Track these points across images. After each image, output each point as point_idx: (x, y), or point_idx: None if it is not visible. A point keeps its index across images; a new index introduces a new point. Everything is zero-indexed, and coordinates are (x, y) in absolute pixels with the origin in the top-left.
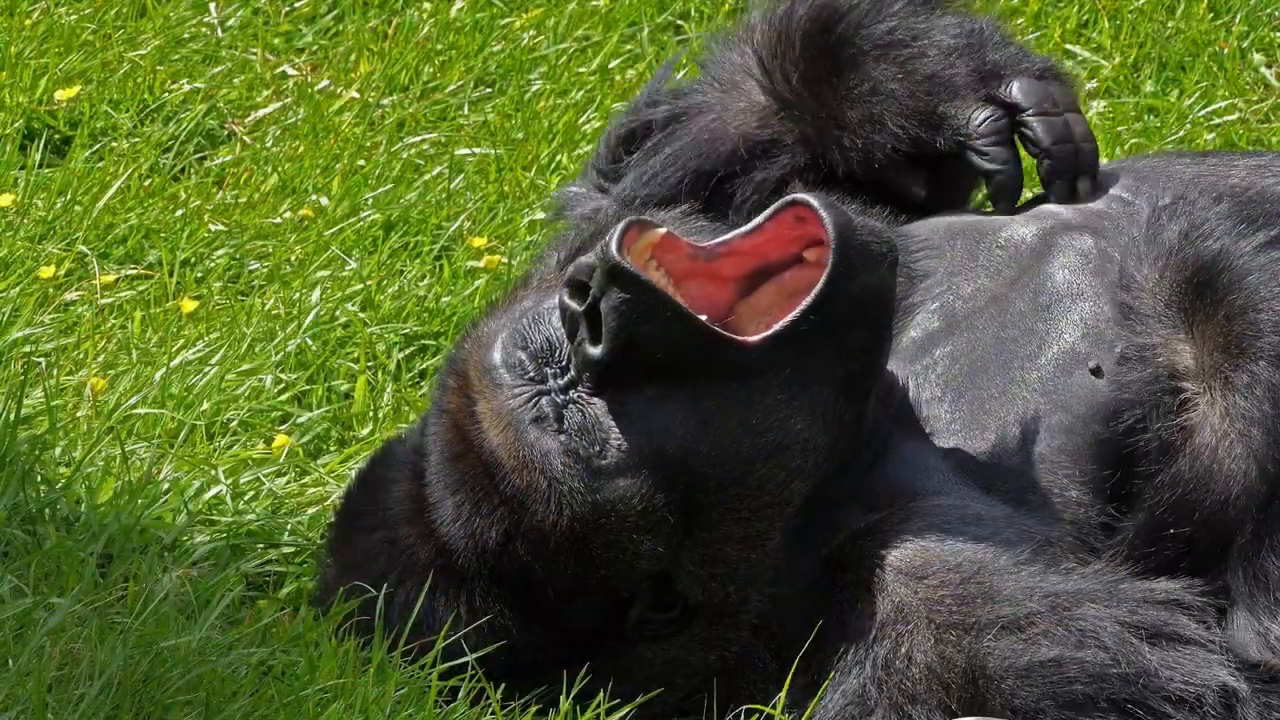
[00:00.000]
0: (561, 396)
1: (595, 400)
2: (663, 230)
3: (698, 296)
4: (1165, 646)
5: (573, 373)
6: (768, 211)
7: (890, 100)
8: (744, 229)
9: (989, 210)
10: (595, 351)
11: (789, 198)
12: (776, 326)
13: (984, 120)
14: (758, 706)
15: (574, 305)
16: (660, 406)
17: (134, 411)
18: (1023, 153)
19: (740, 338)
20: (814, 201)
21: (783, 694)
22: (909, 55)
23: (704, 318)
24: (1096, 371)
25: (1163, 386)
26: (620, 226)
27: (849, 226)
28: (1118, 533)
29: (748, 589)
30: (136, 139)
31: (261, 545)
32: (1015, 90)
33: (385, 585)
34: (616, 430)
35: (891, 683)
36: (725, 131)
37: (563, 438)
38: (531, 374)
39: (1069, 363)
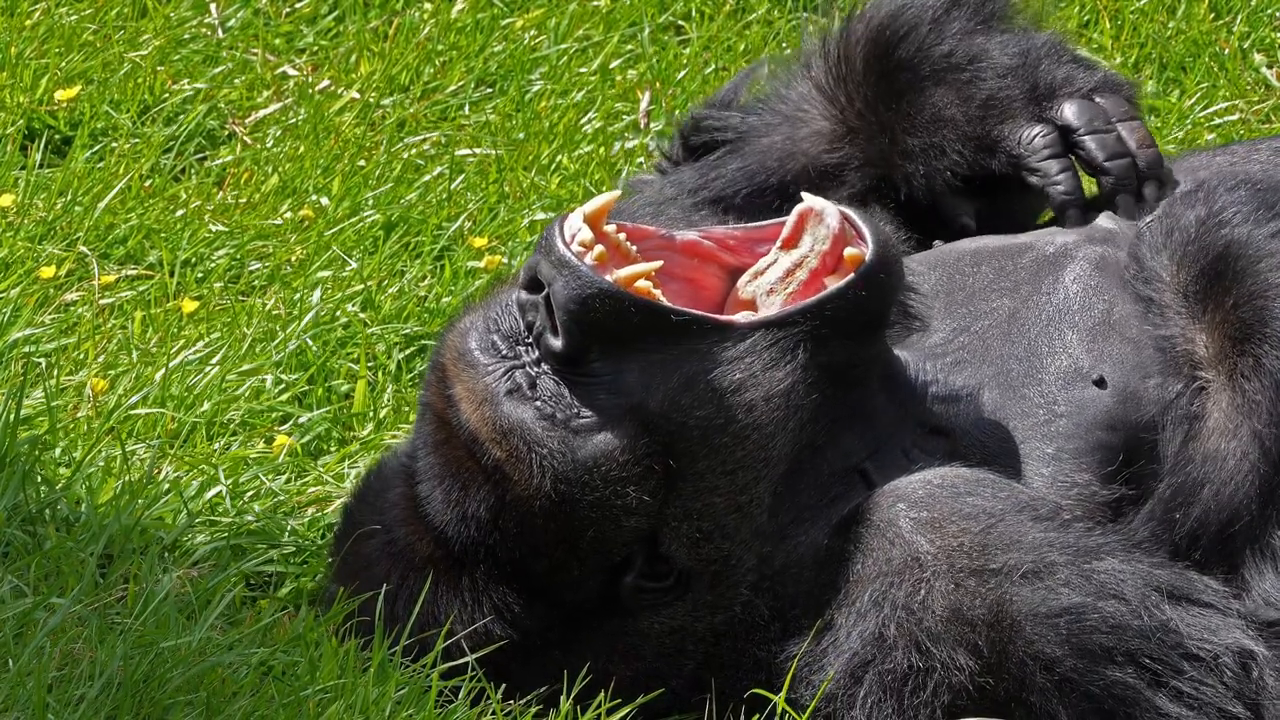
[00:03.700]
0: (535, 369)
1: (568, 369)
2: (616, 193)
3: (682, 278)
4: (1184, 606)
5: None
6: (791, 216)
7: (950, 127)
8: (750, 224)
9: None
10: (556, 343)
11: (809, 203)
12: (766, 314)
13: (1034, 137)
14: (764, 693)
15: (529, 298)
16: (636, 370)
17: (134, 412)
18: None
19: (718, 316)
20: (854, 214)
21: (799, 653)
22: (967, 79)
23: (634, 282)
24: (1100, 383)
25: (1175, 390)
26: (558, 218)
27: (887, 243)
28: (1127, 517)
29: (741, 550)
30: (137, 139)
31: (262, 545)
32: (1066, 111)
33: (386, 585)
34: (592, 393)
35: (912, 622)
36: (794, 152)
37: (538, 404)
38: (504, 352)
39: (1072, 377)
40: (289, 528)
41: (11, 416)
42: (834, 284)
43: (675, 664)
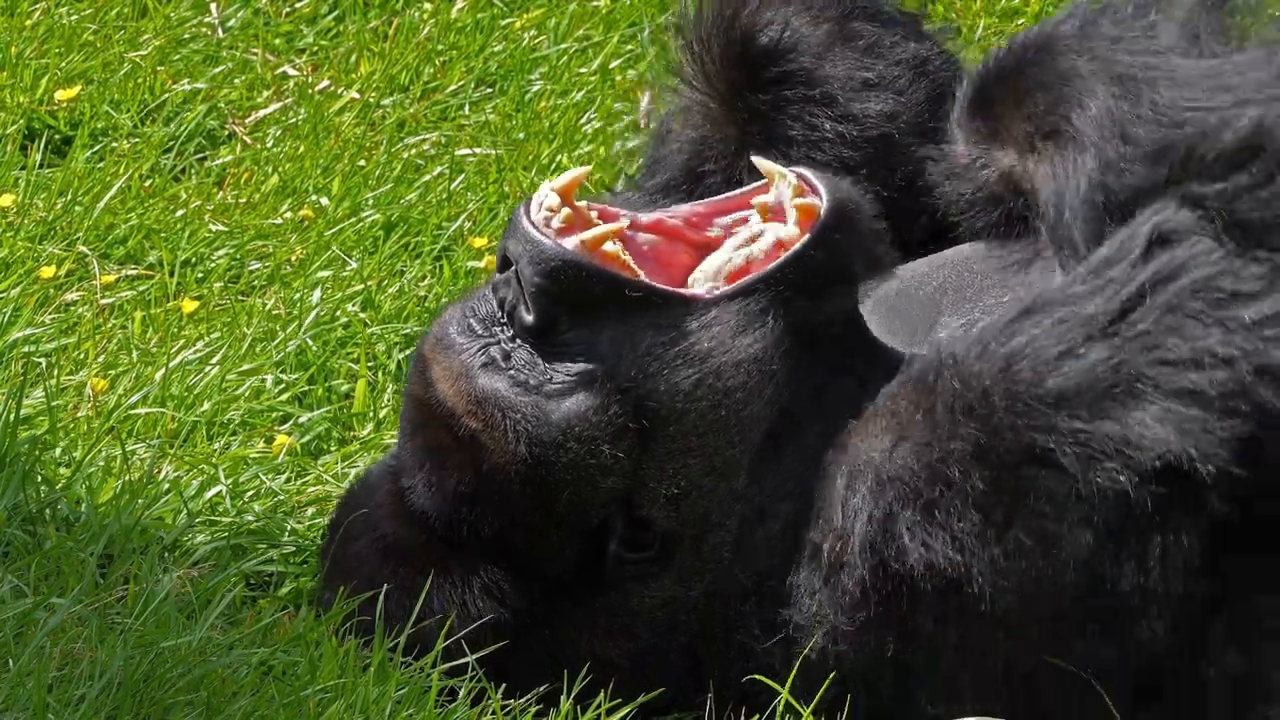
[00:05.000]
0: (510, 345)
1: (542, 341)
2: (587, 169)
3: (651, 258)
4: (1096, 275)
5: (518, 333)
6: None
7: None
8: (712, 199)
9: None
10: (528, 317)
11: (761, 168)
12: (726, 288)
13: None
14: (767, 682)
15: (501, 277)
16: (606, 339)
17: (134, 411)
18: None
19: (682, 290)
20: (809, 173)
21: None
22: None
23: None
24: None
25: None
26: (524, 201)
27: (845, 198)
28: None
29: (721, 511)
30: (137, 139)
31: (262, 545)
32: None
33: (375, 581)
34: (564, 360)
35: (904, 477)
36: (680, 148)
37: (511, 373)
38: (480, 333)
39: None
40: (289, 528)
41: (11, 416)
42: (792, 244)
43: (670, 638)
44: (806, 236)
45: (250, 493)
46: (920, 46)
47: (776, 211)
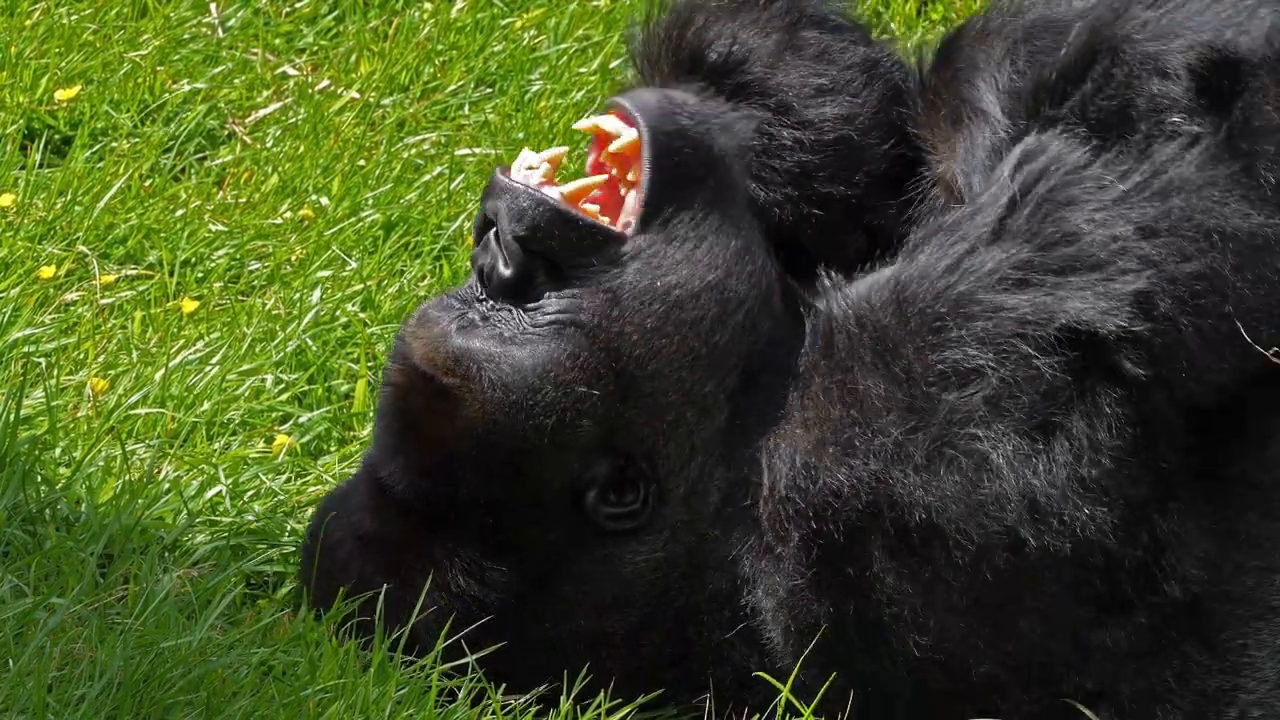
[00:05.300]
0: (489, 311)
1: (519, 301)
2: (565, 149)
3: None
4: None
5: (496, 298)
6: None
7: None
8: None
9: None
10: (506, 272)
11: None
12: (632, 217)
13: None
14: (768, 679)
15: (480, 247)
16: (575, 288)
17: (134, 411)
18: None
19: (615, 228)
20: (623, 101)
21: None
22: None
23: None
24: None
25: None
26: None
27: (656, 110)
28: None
29: (706, 455)
30: (137, 139)
31: (262, 545)
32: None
33: (365, 574)
34: (539, 313)
35: (817, 432)
36: None
37: (487, 329)
38: (459, 307)
39: None
40: (289, 528)
41: (11, 416)
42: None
43: (663, 604)
44: (648, 162)
45: (250, 493)
46: (870, 50)
47: (623, 157)
